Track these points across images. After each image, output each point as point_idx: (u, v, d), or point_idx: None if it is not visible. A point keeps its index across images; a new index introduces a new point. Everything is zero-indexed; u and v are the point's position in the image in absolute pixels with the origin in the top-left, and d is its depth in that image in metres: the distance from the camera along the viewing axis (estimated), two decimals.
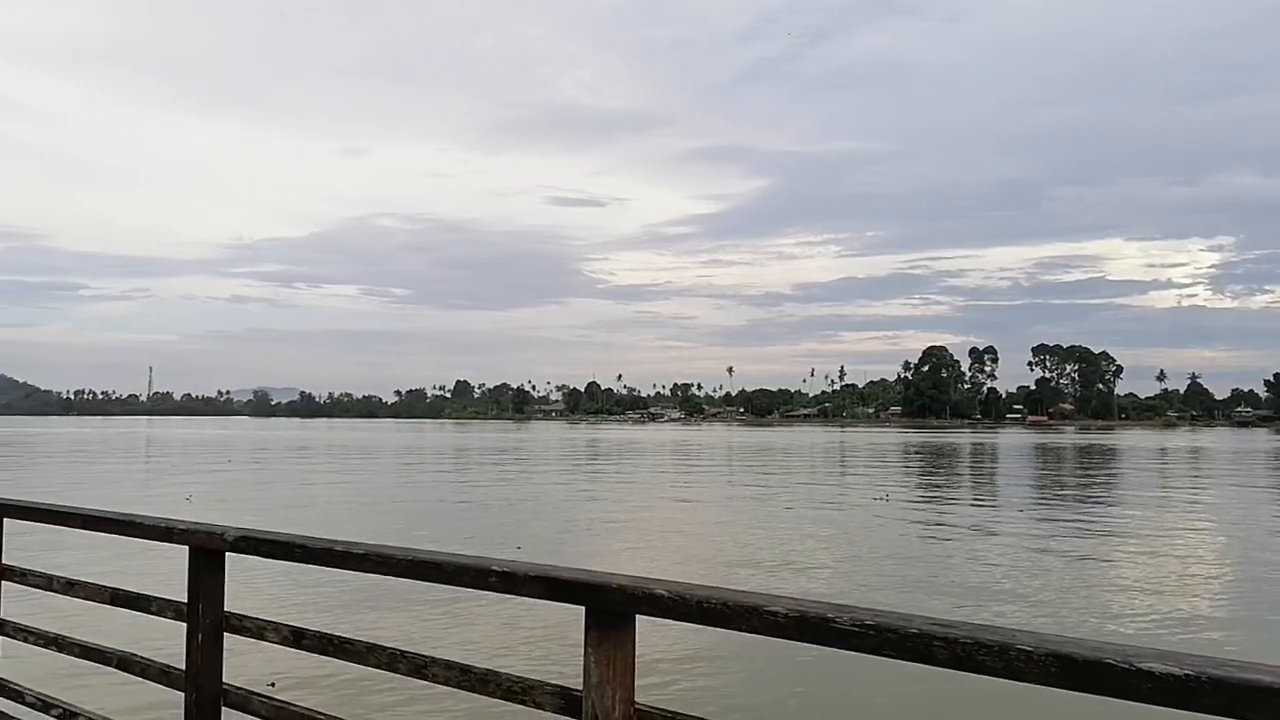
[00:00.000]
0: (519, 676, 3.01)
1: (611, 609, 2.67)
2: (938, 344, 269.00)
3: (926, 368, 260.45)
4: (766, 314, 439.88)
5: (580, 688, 2.77)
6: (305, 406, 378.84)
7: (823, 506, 30.78)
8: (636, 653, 2.74)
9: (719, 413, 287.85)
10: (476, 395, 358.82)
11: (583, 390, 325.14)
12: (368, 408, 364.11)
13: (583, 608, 2.75)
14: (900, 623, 2.17)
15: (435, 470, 51.18)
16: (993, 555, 20.31)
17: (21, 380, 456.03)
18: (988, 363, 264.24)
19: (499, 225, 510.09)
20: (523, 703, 2.96)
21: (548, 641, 11.80)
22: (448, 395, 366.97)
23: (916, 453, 75.49)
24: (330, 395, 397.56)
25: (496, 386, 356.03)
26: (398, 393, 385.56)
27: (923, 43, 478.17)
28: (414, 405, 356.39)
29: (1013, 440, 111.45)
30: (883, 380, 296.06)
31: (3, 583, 5.31)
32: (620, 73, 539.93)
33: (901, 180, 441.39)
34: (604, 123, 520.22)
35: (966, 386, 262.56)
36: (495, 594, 3.04)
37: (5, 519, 5.32)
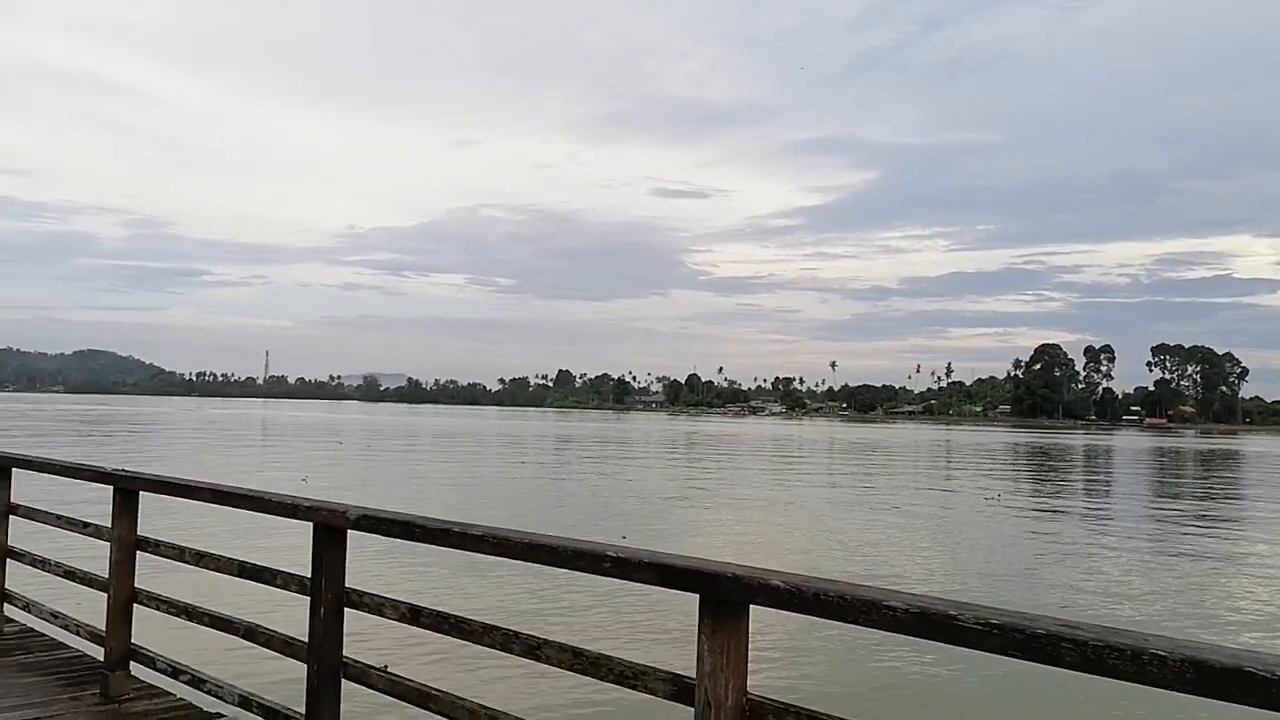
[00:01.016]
0: (631, 661, 3.04)
1: (726, 598, 2.67)
2: (1051, 342, 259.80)
3: (1038, 366, 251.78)
4: (872, 308, 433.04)
5: (692, 675, 2.78)
6: (412, 392, 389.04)
7: (931, 509, 30.14)
8: (750, 643, 2.74)
9: (821, 408, 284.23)
10: (578, 385, 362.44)
11: (683, 382, 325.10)
12: (472, 395, 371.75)
13: (695, 596, 2.77)
14: (1026, 623, 2.12)
15: (537, 458, 51.97)
16: (1111, 571, 19.57)
17: (149, 361, 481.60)
18: (1103, 362, 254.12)
19: (603, 216, 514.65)
20: (634, 688, 2.99)
21: (649, 630, 11.88)
22: (550, 384, 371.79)
23: (1027, 454, 73.24)
24: (436, 382, 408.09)
25: (598, 376, 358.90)
26: (501, 381, 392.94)
27: (1039, 30, 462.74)
28: (516, 393, 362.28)
29: (1129, 443, 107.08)
30: (991, 378, 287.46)
31: (138, 553, 5.62)
32: (727, 64, 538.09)
33: (1015, 172, 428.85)
34: (710, 114, 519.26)
35: (1080, 386, 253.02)
36: (604, 579, 3.08)
37: (140, 492, 5.63)
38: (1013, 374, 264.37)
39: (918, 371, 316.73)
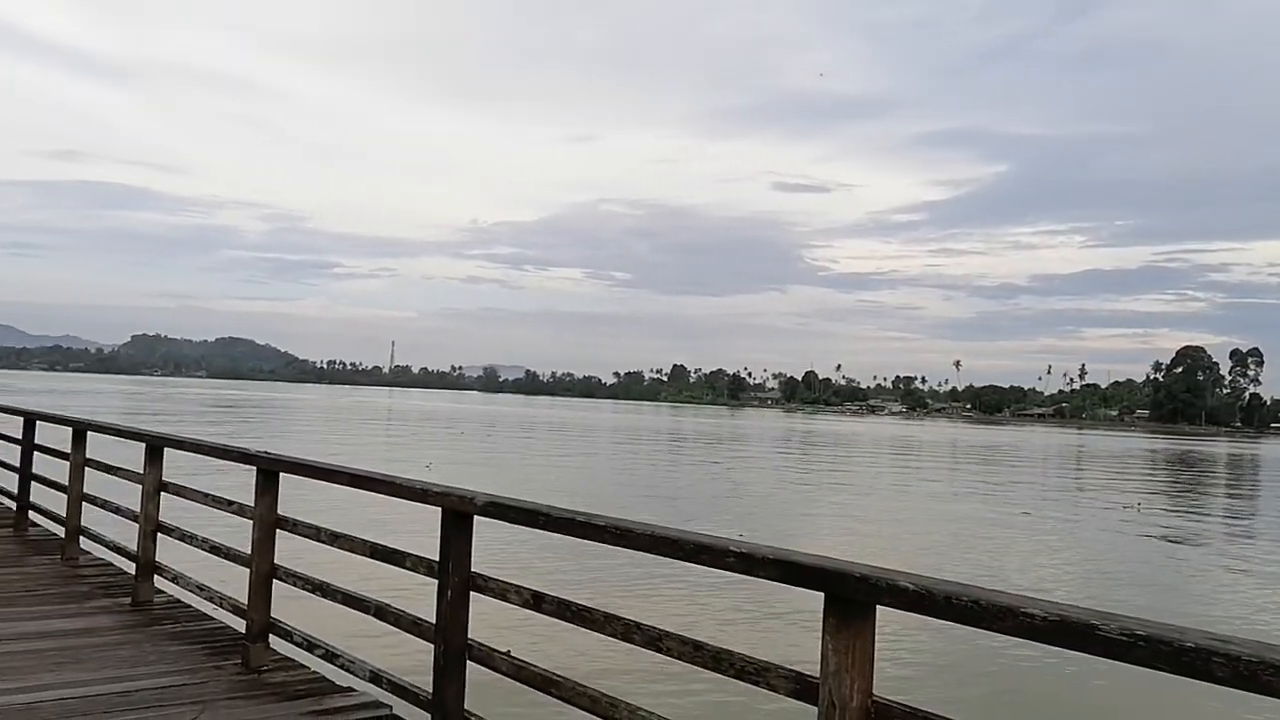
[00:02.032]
0: (753, 657, 3.02)
1: (851, 597, 2.64)
2: (1194, 344, 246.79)
3: (1180, 369, 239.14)
4: (1000, 306, 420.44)
5: (814, 674, 2.76)
6: (529, 384, 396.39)
7: (1062, 516, 29.02)
8: (876, 644, 2.70)
9: (943, 408, 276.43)
10: (692, 380, 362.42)
11: (799, 379, 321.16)
12: (587, 388, 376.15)
13: (821, 595, 2.74)
14: (1174, 635, 2.04)
15: (652, 452, 52.23)
16: (1262, 591, 18.50)
17: (283, 350, 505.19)
18: (1251, 366, 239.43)
19: (721, 211, 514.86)
20: (755, 684, 2.98)
21: (762, 625, 11.82)
22: (664, 379, 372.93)
23: (1167, 461, 69.73)
24: (553, 374, 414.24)
25: (713, 372, 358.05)
26: (616, 374, 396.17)
27: (1187, 17, 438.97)
28: (631, 387, 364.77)
29: (1278, 452, 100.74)
30: (1129, 381, 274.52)
31: (277, 531, 5.89)
32: (853, 55, 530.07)
33: (1158, 166, 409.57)
34: (833, 107, 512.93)
35: (1225, 391, 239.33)
36: (721, 573, 3.08)
37: (281, 474, 5.90)
38: (1152, 377, 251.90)
39: (1048, 373, 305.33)
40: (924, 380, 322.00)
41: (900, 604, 2.52)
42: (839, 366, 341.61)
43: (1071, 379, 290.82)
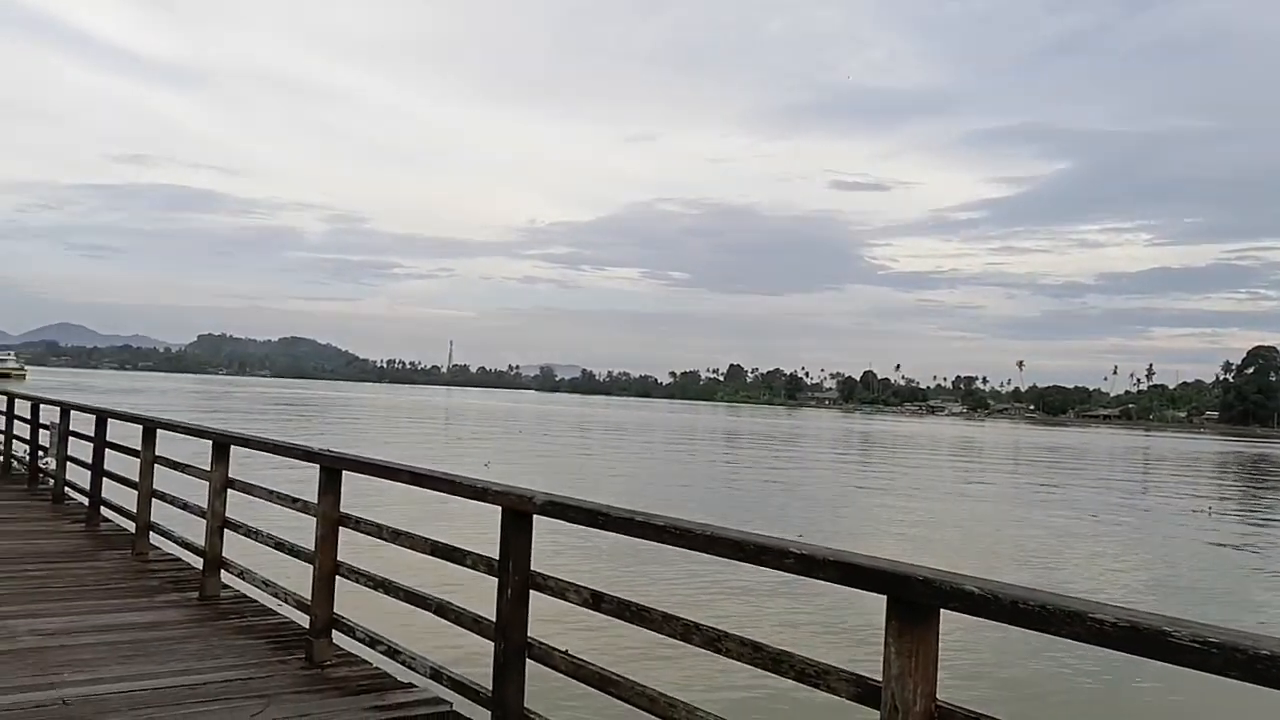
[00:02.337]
0: (813, 660, 3.00)
1: (915, 601, 2.61)
2: (1266, 344, 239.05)
3: (1251, 370, 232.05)
4: (1065, 306, 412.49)
5: (877, 678, 2.73)
6: (586, 384, 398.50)
7: (1128, 519, 28.36)
8: (940, 648, 2.66)
9: (1005, 409, 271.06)
10: (749, 380, 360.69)
11: (858, 379, 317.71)
12: (643, 387, 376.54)
13: (882, 598, 2.71)
14: (1249, 642, 1.98)
15: (709, 452, 52.10)
16: None
17: (344, 349, 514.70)
18: None
19: (779, 210, 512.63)
20: (816, 686, 2.96)
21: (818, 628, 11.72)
22: (721, 378, 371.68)
23: (1238, 464, 67.67)
24: (609, 374, 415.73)
25: (770, 372, 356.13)
26: (672, 374, 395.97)
27: (1258, 10, 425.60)
28: (687, 387, 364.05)
29: None
30: (1198, 381, 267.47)
31: (340, 528, 5.98)
32: (913, 51, 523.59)
33: (1228, 162, 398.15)
34: (892, 104, 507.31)
35: None
36: (780, 576, 3.06)
37: (344, 472, 6.00)
38: (1222, 378, 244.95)
39: (1114, 373, 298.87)
40: (985, 380, 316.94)
41: (965, 608, 2.48)
42: (898, 366, 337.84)
43: (1138, 379, 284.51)
